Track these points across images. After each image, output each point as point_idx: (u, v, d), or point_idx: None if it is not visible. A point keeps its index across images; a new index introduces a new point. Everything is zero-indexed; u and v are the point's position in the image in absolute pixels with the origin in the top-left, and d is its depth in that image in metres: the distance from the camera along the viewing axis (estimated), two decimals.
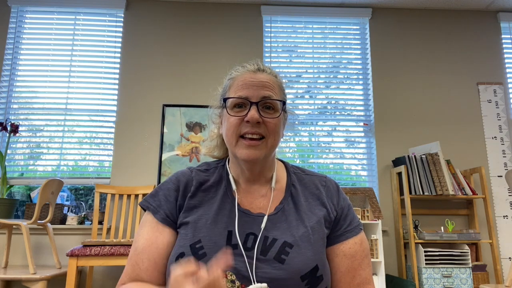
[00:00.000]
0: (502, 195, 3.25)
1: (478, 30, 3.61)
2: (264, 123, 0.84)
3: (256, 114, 0.82)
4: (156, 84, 3.33)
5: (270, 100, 0.85)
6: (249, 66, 0.90)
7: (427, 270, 2.73)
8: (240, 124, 0.84)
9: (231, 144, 0.86)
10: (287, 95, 0.96)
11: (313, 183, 0.93)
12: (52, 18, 3.42)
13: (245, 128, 0.83)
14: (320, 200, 0.90)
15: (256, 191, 0.90)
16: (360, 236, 0.89)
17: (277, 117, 0.85)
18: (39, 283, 2.32)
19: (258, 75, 0.88)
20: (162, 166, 3.14)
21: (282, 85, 0.93)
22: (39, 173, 3.19)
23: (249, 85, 0.85)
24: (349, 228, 0.89)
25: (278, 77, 0.92)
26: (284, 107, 0.89)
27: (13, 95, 3.27)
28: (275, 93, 0.87)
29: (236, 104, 0.86)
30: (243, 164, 0.88)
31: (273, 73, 0.92)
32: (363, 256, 0.88)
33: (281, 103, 0.88)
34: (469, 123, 3.41)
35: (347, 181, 3.36)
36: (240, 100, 0.85)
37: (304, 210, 0.88)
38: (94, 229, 2.86)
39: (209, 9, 3.50)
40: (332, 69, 3.53)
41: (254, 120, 0.82)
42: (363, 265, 0.87)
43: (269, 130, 0.84)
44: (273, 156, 0.92)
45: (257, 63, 0.91)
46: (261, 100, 0.84)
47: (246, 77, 0.87)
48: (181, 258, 0.79)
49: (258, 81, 0.86)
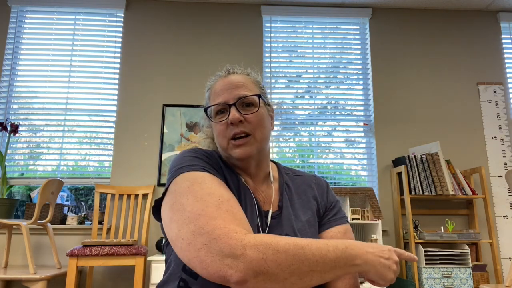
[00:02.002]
0: (502, 195, 3.25)
1: (478, 30, 3.61)
2: (246, 121, 0.86)
3: (237, 114, 0.85)
4: (156, 84, 3.33)
5: (246, 97, 0.88)
6: (221, 73, 0.96)
7: (427, 270, 2.73)
8: (227, 128, 0.87)
9: (224, 149, 0.88)
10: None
11: (305, 182, 0.99)
12: (52, 18, 3.42)
13: (232, 131, 0.86)
14: (313, 196, 0.96)
15: (257, 187, 0.93)
16: (344, 226, 0.94)
17: (257, 111, 0.88)
18: (39, 283, 2.32)
19: (229, 78, 0.92)
20: (162, 166, 3.14)
21: (257, 80, 0.96)
22: (39, 173, 3.19)
23: (224, 89, 0.89)
24: (334, 218, 0.94)
25: (250, 74, 0.96)
26: (262, 100, 0.91)
27: (13, 95, 3.27)
28: (250, 89, 0.90)
29: (217, 110, 0.89)
30: (239, 163, 0.90)
31: (245, 72, 0.96)
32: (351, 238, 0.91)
33: (258, 97, 0.90)
34: (469, 123, 3.41)
35: (347, 181, 3.36)
36: (220, 106, 0.88)
37: (298, 207, 0.93)
38: (94, 229, 2.86)
39: (209, 9, 3.50)
40: (332, 69, 3.53)
41: (236, 120, 0.85)
42: None
43: (253, 125, 0.87)
44: (267, 150, 0.95)
45: (227, 67, 0.96)
46: (238, 100, 0.87)
47: (220, 83, 0.91)
48: None
49: (231, 83, 0.90)
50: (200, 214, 0.67)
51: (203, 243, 0.64)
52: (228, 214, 0.68)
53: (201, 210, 0.68)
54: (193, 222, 0.67)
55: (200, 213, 0.67)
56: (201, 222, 0.66)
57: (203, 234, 0.65)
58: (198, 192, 0.72)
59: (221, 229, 0.64)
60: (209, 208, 0.68)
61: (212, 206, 0.69)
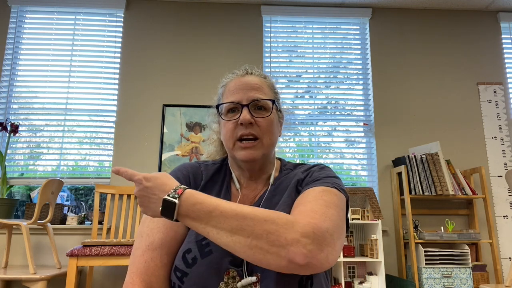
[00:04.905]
0: (502, 195, 3.25)
1: (478, 30, 3.61)
2: (256, 124, 0.86)
3: (248, 115, 0.86)
4: (156, 84, 3.33)
5: (260, 100, 0.88)
6: (238, 72, 0.95)
7: (427, 270, 2.73)
8: (236, 127, 0.87)
9: (229, 147, 0.89)
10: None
11: (296, 175, 0.91)
12: (52, 18, 3.42)
13: (240, 131, 0.86)
14: (299, 182, 0.88)
15: (256, 189, 0.93)
16: (321, 187, 0.80)
17: (268, 116, 0.88)
18: (39, 283, 2.32)
19: (246, 78, 0.92)
20: (162, 166, 3.14)
21: (273, 85, 0.96)
22: (39, 173, 3.19)
23: (239, 89, 0.89)
24: (310, 181, 0.85)
25: (267, 78, 0.96)
26: (275, 105, 0.92)
27: (13, 95, 3.27)
28: (265, 93, 0.90)
29: (229, 109, 0.89)
30: (242, 165, 0.90)
31: (262, 75, 0.96)
32: (316, 197, 0.76)
33: (272, 102, 0.90)
34: (469, 123, 3.41)
35: (347, 181, 3.36)
36: (232, 104, 0.89)
37: (281, 203, 0.85)
38: (94, 229, 2.86)
39: (209, 9, 3.50)
40: (332, 69, 3.53)
41: (246, 121, 0.85)
42: (311, 200, 0.77)
43: (262, 130, 0.87)
44: (273, 155, 0.95)
45: (246, 67, 0.96)
46: (251, 102, 0.87)
47: (235, 82, 0.91)
48: (188, 255, 0.79)
49: (247, 84, 0.90)
50: (132, 252, 0.82)
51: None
52: (142, 261, 0.78)
53: (134, 249, 0.81)
54: (131, 255, 0.82)
55: (133, 252, 0.81)
56: (130, 259, 0.81)
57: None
58: (147, 228, 0.83)
59: (127, 279, 0.79)
60: (140, 249, 0.80)
61: (143, 247, 0.80)
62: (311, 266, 0.65)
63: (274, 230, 0.65)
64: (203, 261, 0.77)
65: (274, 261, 0.65)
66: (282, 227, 0.66)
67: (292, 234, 0.65)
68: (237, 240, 0.66)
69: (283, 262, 0.65)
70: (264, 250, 0.65)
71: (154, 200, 0.71)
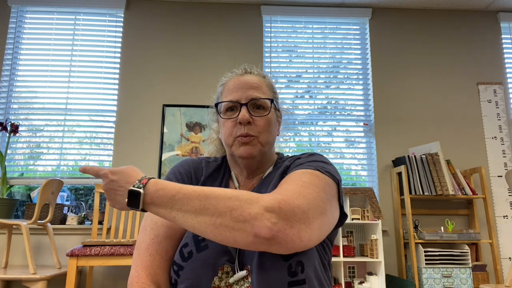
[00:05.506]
0: (502, 195, 3.25)
1: (478, 30, 3.61)
2: (254, 123, 0.87)
3: (246, 114, 0.86)
4: (156, 84, 3.33)
5: (259, 99, 0.89)
6: (237, 71, 0.96)
7: (427, 270, 2.73)
8: (234, 126, 0.88)
9: (228, 145, 0.90)
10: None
11: (285, 165, 0.90)
12: (52, 18, 3.42)
13: (239, 130, 0.87)
14: (284, 173, 0.87)
15: (252, 187, 0.93)
16: (302, 170, 0.77)
17: (266, 115, 0.89)
18: (39, 283, 2.32)
19: (245, 77, 0.92)
20: (162, 166, 3.14)
21: (271, 84, 0.97)
22: (39, 173, 3.19)
23: (238, 88, 0.90)
24: (294, 167, 0.83)
25: (266, 77, 0.96)
26: (274, 105, 0.92)
27: (13, 95, 3.27)
28: (264, 92, 0.91)
29: (228, 107, 0.90)
30: (240, 162, 0.91)
31: (261, 74, 0.96)
32: (294, 179, 0.74)
33: (270, 101, 0.91)
34: (469, 123, 3.41)
35: (347, 181, 3.36)
36: (231, 103, 0.89)
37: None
38: (94, 229, 2.86)
39: (209, 9, 3.50)
40: (332, 69, 3.53)
41: (245, 120, 0.86)
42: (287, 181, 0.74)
43: (259, 128, 0.88)
44: (270, 154, 0.95)
45: (245, 66, 0.96)
46: (250, 101, 0.88)
47: (234, 81, 0.92)
48: (184, 249, 0.80)
49: (246, 83, 0.90)
50: (136, 246, 0.83)
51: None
52: (147, 254, 0.80)
53: (138, 243, 0.83)
54: (135, 249, 0.84)
55: (137, 246, 0.83)
56: (135, 253, 0.82)
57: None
58: (151, 222, 0.84)
59: (132, 273, 0.80)
60: (145, 242, 0.82)
61: (147, 241, 0.82)
62: (280, 241, 0.63)
63: (237, 206, 0.65)
64: (198, 256, 0.77)
65: (240, 238, 0.64)
66: (246, 202, 0.65)
67: (255, 209, 0.64)
68: (202, 221, 0.66)
69: (250, 237, 0.63)
70: (229, 227, 0.64)
71: (120, 192, 0.72)
